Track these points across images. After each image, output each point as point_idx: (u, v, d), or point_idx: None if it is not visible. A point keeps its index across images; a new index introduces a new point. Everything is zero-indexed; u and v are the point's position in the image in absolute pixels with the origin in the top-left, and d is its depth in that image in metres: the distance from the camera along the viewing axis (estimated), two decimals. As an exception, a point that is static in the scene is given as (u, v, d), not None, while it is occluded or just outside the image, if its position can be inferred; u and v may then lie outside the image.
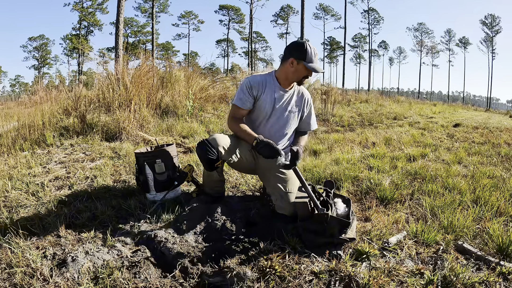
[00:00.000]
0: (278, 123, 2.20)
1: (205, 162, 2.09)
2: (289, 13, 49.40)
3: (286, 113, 2.20)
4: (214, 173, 2.19)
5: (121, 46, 10.42)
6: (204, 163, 2.11)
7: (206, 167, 2.14)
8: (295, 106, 2.22)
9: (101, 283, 1.41)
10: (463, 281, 1.41)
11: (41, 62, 44.52)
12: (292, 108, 2.21)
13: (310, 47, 2.01)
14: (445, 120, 8.48)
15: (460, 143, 4.85)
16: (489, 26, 45.45)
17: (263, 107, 2.15)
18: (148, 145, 3.71)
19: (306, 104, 2.28)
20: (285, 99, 2.19)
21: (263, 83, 2.15)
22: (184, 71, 7.18)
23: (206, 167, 2.14)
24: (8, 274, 1.45)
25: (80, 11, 37.98)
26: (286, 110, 2.19)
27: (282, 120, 2.20)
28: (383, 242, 1.75)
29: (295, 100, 2.22)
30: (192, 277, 1.52)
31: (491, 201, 2.27)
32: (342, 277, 1.46)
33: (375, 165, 3.19)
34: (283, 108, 2.18)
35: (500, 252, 1.68)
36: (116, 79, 4.87)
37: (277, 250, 1.68)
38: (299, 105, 2.24)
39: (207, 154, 2.02)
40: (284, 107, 2.19)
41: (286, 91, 2.19)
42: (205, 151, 2.02)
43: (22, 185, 2.57)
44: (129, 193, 2.50)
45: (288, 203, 2.01)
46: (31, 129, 4.06)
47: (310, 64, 2.01)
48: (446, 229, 1.92)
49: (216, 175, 2.21)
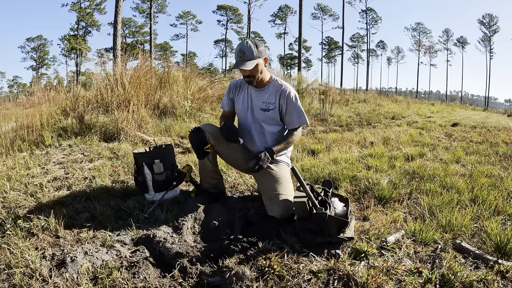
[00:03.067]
0: (256, 122, 2.25)
1: (195, 146, 2.23)
2: (287, 13, 49.50)
3: (262, 112, 2.20)
4: (207, 161, 2.29)
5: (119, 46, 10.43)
6: (194, 146, 2.25)
7: (197, 152, 2.26)
8: (271, 103, 2.19)
9: (100, 283, 1.42)
10: (462, 280, 1.41)
11: (39, 62, 44.40)
12: (269, 106, 2.19)
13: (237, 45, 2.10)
14: (443, 119, 8.49)
15: (458, 142, 4.87)
16: (487, 25, 45.60)
17: (240, 108, 2.29)
18: (147, 145, 3.71)
19: (282, 99, 2.18)
20: (259, 98, 2.21)
21: (240, 85, 2.31)
22: (182, 71, 7.19)
23: (197, 152, 2.26)
24: (7, 275, 1.45)
25: (78, 12, 37.86)
26: (261, 108, 2.20)
27: (260, 118, 2.22)
28: (382, 241, 1.76)
29: (271, 98, 2.19)
30: (191, 276, 1.52)
31: (489, 200, 2.28)
32: (341, 276, 1.46)
33: (373, 165, 3.19)
34: (257, 107, 2.21)
35: (498, 250, 1.68)
36: (115, 80, 4.86)
37: (275, 249, 1.69)
38: (274, 102, 2.19)
39: (197, 135, 2.18)
40: (258, 106, 2.21)
41: (261, 89, 2.22)
42: (195, 133, 2.19)
43: (21, 186, 2.56)
44: (128, 194, 2.50)
45: (277, 205, 2.00)
46: (29, 130, 4.05)
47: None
48: (444, 228, 1.93)
49: (209, 164, 2.30)
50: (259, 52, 2.05)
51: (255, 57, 2.03)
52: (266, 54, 2.12)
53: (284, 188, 2.07)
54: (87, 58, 38.71)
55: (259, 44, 2.07)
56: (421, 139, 4.95)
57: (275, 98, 2.19)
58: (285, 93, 2.18)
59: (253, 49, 2.03)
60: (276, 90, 2.20)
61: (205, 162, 2.31)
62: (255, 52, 2.03)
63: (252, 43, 2.05)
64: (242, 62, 2.03)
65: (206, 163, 2.30)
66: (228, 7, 48.15)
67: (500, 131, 6.14)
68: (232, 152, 2.27)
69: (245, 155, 2.19)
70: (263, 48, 2.08)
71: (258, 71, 2.09)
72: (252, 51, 2.02)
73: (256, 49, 2.04)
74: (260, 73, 2.12)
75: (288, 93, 2.18)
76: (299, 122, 2.22)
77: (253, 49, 2.03)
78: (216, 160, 2.36)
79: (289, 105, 2.18)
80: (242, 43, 2.06)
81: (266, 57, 2.13)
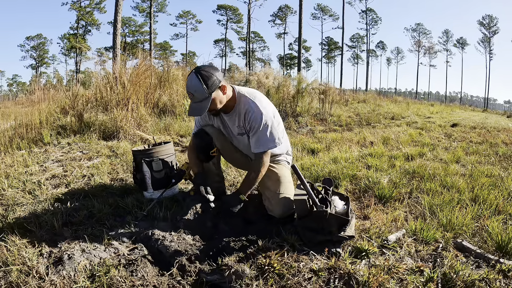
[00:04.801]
0: (241, 146, 2.11)
1: (199, 150, 2.08)
2: (287, 13, 49.44)
3: (241, 136, 2.03)
4: (211, 165, 2.18)
5: (118, 45, 10.41)
6: (198, 151, 2.09)
7: (201, 157, 2.11)
8: (242, 127, 1.98)
9: (98, 281, 1.40)
10: (463, 279, 1.40)
11: (38, 61, 44.30)
12: (243, 129, 1.99)
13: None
14: (443, 120, 8.50)
15: (458, 142, 4.86)
16: (487, 26, 45.62)
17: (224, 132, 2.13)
18: (146, 143, 3.70)
19: (247, 122, 1.93)
20: (232, 123, 2.02)
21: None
22: (182, 70, 7.17)
23: (201, 157, 2.11)
24: (4, 272, 1.44)
25: (78, 11, 37.79)
26: (238, 133, 2.03)
27: (242, 142, 2.07)
28: (382, 240, 1.74)
29: (241, 121, 1.97)
30: (189, 275, 1.51)
31: (490, 200, 2.27)
32: (342, 275, 1.45)
33: (373, 164, 3.18)
34: (235, 133, 2.04)
35: (499, 249, 1.67)
36: (114, 78, 4.84)
37: (275, 247, 1.67)
38: (243, 125, 1.97)
39: (203, 139, 2.06)
40: (236, 132, 2.03)
41: (230, 114, 1.99)
42: (201, 136, 2.06)
43: (19, 184, 2.55)
44: (126, 191, 2.48)
45: (277, 205, 1.98)
46: (28, 128, 4.04)
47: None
48: (445, 227, 1.91)
49: (213, 167, 2.20)
50: (209, 86, 1.75)
51: (206, 94, 1.76)
52: (219, 81, 1.80)
53: (284, 187, 2.04)
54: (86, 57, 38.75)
55: (208, 75, 1.76)
56: (421, 139, 4.95)
57: (242, 121, 1.96)
58: (248, 115, 1.90)
59: (200, 88, 1.74)
60: (241, 112, 1.94)
61: (208, 166, 2.20)
62: (205, 90, 1.75)
63: (199, 78, 1.75)
64: (195, 106, 1.81)
65: (210, 166, 2.20)
66: (228, 7, 48.10)
67: (500, 131, 6.14)
68: (238, 155, 2.19)
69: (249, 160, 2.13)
70: (215, 78, 1.77)
71: (216, 105, 1.85)
72: (201, 90, 1.74)
73: (205, 85, 1.75)
74: (220, 104, 1.86)
75: (250, 116, 1.90)
76: (258, 147, 1.92)
77: (200, 88, 1.74)
78: (220, 163, 2.29)
79: (251, 129, 1.92)
80: (189, 81, 1.78)
81: (221, 85, 1.82)
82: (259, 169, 1.91)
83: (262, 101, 1.95)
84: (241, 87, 1.99)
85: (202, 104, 1.78)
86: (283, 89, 7.44)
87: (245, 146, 2.09)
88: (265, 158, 1.92)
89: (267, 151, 1.92)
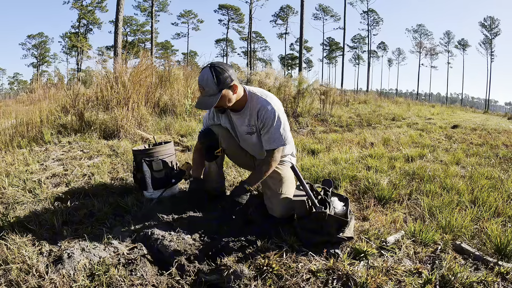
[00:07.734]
0: (248, 147, 2.15)
1: (206, 148, 2.11)
2: (289, 13, 49.46)
3: (250, 136, 2.05)
4: (213, 164, 2.19)
5: (120, 44, 10.43)
6: (205, 149, 2.12)
7: (206, 155, 2.13)
8: (253, 126, 2.00)
9: (97, 280, 1.40)
10: (462, 281, 1.40)
11: (39, 60, 44.38)
12: (252, 128, 2.01)
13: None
14: (444, 121, 8.49)
15: (458, 144, 4.85)
16: (488, 28, 45.58)
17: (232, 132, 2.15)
18: (146, 143, 3.70)
19: (260, 120, 1.94)
20: (241, 122, 2.04)
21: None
22: (183, 70, 7.17)
23: (206, 155, 2.13)
24: (4, 270, 1.44)
25: (80, 9, 37.86)
26: (247, 133, 2.04)
27: (250, 142, 2.09)
28: (381, 242, 1.74)
29: (252, 120, 1.99)
30: (188, 274, 1.51)
31: (489, 202, 2.27)
32: (340, 276, 1.45)
33: (373, 165, 3.18)
34: (243, 132, 2.06)
35: (498, 252, 1.67)
36: (115, 77, 4.85)
37: (274, 248, 1.68)
38: (254, 124, 1.99)
39: (209, 138, 2.07)
40: (244, 131, 2.05)
41: (240, 113, 2.00)
42: (207, 135, 2.08)
43: (19, 182, 2.55)
44: (127, 191, 2.49)
45: (276, 204, 1.98)
46: (29, 127, 4.04)
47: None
48: (444, 229, 1.91)
49: (215, 167, 2.21)
50: (221, 82, 1.75)
51: (217, 90, 1.76)
52: (231, 80, 1.80)
53: (286, 188, 2.05)
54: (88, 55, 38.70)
55: (222, 71, 1.76)
56: (421, 141, 4.95)
57: (254, 120, 1.97)
58: (261, 113, 1.92)
59: (213, 82, 1.74)
60: (252, 111, 1.96)
61: (211, 165, 2.19)
62: (215, 85, 1.75)
63: (212, 73, 1.75)
64: (203, 100, 1.80)
65: (213, 166, 2.20)
66: (230, 7, 48.10)
67: (500, 133, 6.13)
68: (243, 155, 2.21)
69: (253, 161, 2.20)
70: (227, 74, 1.77)
71: (225, 102, 1.84)
72: (212, 84, 1.74)
73: (218, 80, 1.74)
74: (228, 102, 1.85)
75: (264, 113, 1.91)
76: (272, 144, 1.93)
77: (213, 82, 1.74)
78: (222, 163, 2.30)
79: (265, 126, 1.93)
80: (201, 74, 1.78)
81: (232, 84, 1.81)
82: (270, 162, 1.94)
83: (273, 99, 1.98)
84: (251, 87, 2.02)
85: (210, 99, 1.78)
86: (284, 90, 7.44)
87: (251, 146, 2.11)
88: (277, 154, 1.95)
89: (279, 147, 1.94)
